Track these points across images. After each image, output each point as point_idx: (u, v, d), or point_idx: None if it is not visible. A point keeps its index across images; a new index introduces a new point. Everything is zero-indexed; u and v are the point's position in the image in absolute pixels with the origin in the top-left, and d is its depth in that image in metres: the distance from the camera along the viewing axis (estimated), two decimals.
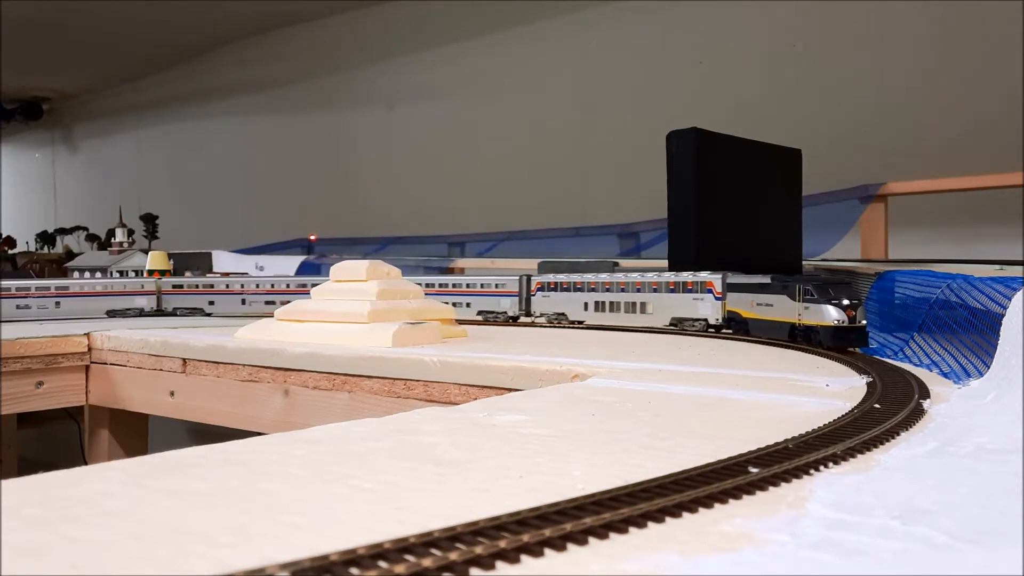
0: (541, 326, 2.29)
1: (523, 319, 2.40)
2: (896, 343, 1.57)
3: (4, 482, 0.68)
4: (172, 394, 1.98)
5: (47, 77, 7.40)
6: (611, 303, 2.17)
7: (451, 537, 0.54)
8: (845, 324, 1.45)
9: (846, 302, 1.46)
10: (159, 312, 2.71)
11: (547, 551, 0.54)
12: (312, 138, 5.92)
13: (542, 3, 4.65)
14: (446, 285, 2.56)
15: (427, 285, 2.40)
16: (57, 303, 2.61)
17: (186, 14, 5.57)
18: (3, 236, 5.72)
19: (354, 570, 0.49)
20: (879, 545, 0.56)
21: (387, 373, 1.60)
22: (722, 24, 4.02)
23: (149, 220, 4.84)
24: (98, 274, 3.07)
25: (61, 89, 7.91)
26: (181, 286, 2.75)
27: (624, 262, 3.03)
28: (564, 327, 2.23)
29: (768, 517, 0.62)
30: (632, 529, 0.59)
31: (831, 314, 1.46)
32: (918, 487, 0.70)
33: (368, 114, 5.57)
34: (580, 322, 2.24)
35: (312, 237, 4.72)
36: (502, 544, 0.53)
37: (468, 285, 2.52)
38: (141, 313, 2.69)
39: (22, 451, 3.70)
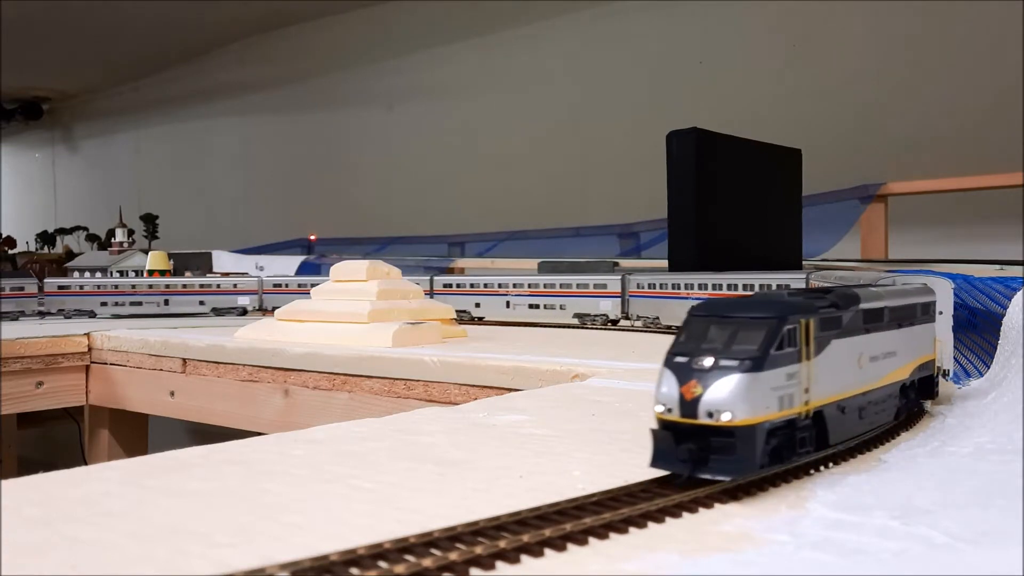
0: (548, 325, 2.28)
1: None
2: None
3: (4, 482, 0.68)
4: (172, 394, 1.98)
5: (47, 77, 7.40)
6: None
7: (451, 537, 0.54)
8: (671, 416, 0.66)
9: (706, 362, 0.66)
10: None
11: (547, 551, 0.54)
12: (312, 138, 5.92)
13: (541, 3, 4.65)
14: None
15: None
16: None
17: (186, 14, 5.57)
18: (3, 236, 5.72)
19: (354, 570, 0.49)
20: (879, 545, 0.56)
21: (387, 373, 1.60)
22: (722, 24, 4.02)
23: (149, 220, 4.83)
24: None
25: (61, 89, 7.91)
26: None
27: (624, 262, 3.03)
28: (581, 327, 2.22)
29: (768, 517, 0.62)
30: (632, 529, 0.59)
31: (659, 390, 0.67)
32: (918, 487, 0.70)
33: (368, 114, 5.57)
34: None
35: (312, 237, 4.72)
36: (502, 544, 0.53)
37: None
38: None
39: (22, 451, 3.70)
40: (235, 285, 2.75)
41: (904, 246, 3.17)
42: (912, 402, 0.93)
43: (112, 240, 3.61)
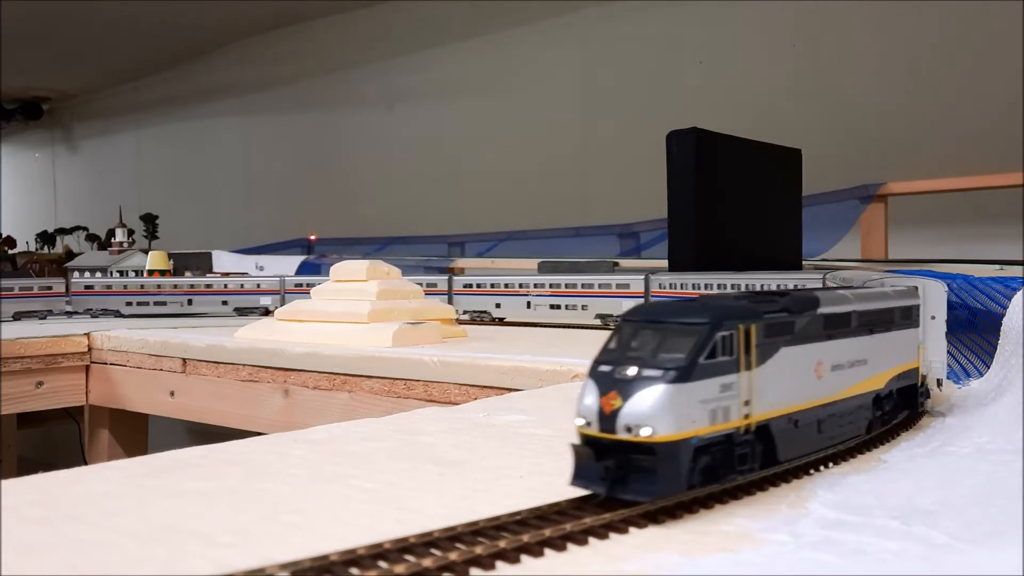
0: (543, 325, 2.28)
1: None
2: None
3: (4, 482, 0.68)
4: (172, 394, 1.98)
5: (47, 77, 7.40)
6: None
7: (451, 537, 0.54)
8: (590, 431, 0.61)
9: (628, 372, 0.61)
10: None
11: (547, 551, 0.54)
12: (312, 138, 5.91)
13: (542, 3, 4.65)
14: None
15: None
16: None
17: (186, 14, 5.56)
18: (3, 236, 5.72)
19: (354, 570, 0.49)
20: (879, 545, 0.56)
21: (387, 373, 1.60)
22: (722, 24, 4.02)
23: (149, 220, 4.83)
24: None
25: (61, 89, 7.91)
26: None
27: (624, 262, 3.03)
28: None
29: (768, 517, 0.62)
30: (632, 529, 0.59)
31: (580, 401, 0.62)
32: (918, 487, 0.70)
33: (368, 114, 5.57)
34: None
35: (312, 237, 4.72)
36: (502, 544, 0.53)
37: None
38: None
39: (22, 451, 3.70)
40: (258, 285, 2.76)
41: (904, 246, 3.17)
42: (889, 414, 0.86)
43: (112, 240, 3.61)
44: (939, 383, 0.99)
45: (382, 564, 0.50)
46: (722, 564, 0.53)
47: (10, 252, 5.39)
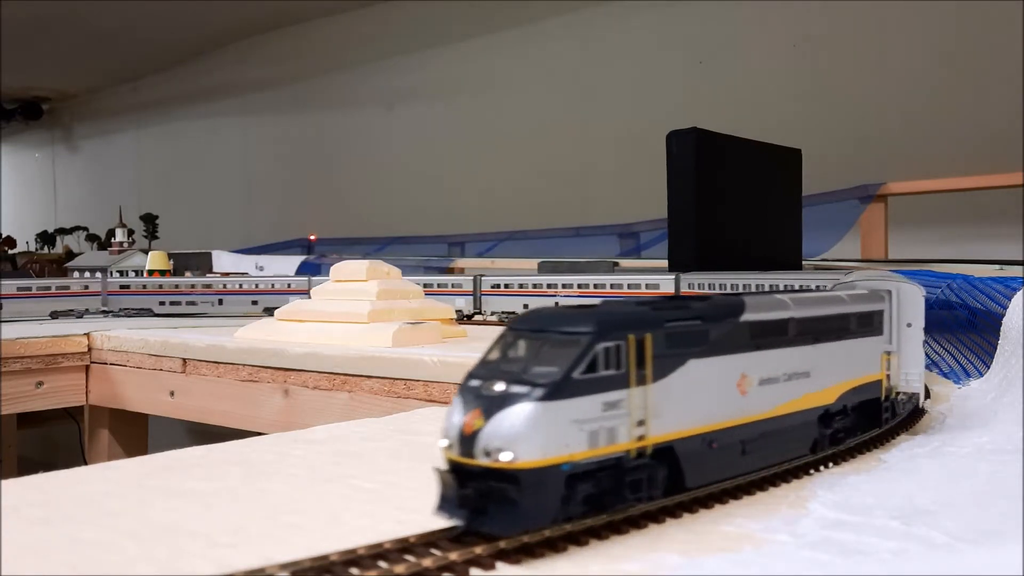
0: None
1: None
2: None
3: (4, 482, 0.68)
4: (172, 394, 1.98)
5: (47, 77, 7.40)
6: None
7: (451, 537, 0.54)
8: (452, 454, 0.55)
9: (496, 387, 0.55)
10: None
11: (547, 551, 0.54)
12: (312, 138, 5.92)
13: (541, 3, 4.65)
14: None
15: None
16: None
17: (186, 14, 5.57)
18: (3, 236, 5.72)
19: (354, 570, 0.49)
20: (879, 545, 0.56)
21: (387, 373, 1.60)
22: (722, 24, 4.02)
23: (149, 220, 4.83)
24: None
25: (61, 89, 7.91)
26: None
27: (624, 262, 3.03)
28: None
29: (768, 517, 0.62)
30: (632, 529, 0.59)
31: (448, 420, 0.56)
32: (918, 487, 0.70)
33: (368, 114, 5.57)
34: None
35: (312, 237, 4.72)
36: (502, 544, 0.53)
37: None
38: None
39: (22, 451, 3.70)
40: (289, 285, 2.77)
41: (904, 246, 3.17)
42: (844, 432, 0.78)
43: (112, 240, 3.61)
44: (918, 399, 0.90)
45: (382, 564, 0.50)
46: (722, 564, 0.53)
47: (10, 252, 5.39)
